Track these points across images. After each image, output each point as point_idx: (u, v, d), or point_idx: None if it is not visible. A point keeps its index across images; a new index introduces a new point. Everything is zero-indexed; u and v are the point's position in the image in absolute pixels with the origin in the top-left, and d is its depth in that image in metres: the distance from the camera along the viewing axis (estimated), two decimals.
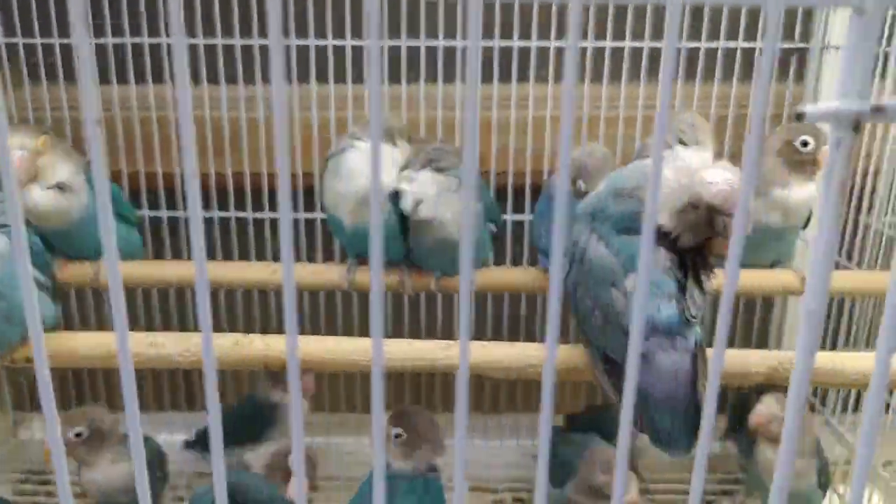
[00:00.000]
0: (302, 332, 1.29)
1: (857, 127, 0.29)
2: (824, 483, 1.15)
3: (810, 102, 1.28)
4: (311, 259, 1.29)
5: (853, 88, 0.28)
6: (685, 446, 0.73)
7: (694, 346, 0.74)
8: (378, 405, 0.35)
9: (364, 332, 1.37)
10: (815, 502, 1.14)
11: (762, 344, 1.42)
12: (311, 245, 1.30)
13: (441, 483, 1.04)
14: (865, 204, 1.21)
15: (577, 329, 0.82)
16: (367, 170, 0.98)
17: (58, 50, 1.19)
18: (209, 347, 0.35)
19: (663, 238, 0.74)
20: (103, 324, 1.34)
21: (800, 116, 0.29)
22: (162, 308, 1.35)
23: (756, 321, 1.40)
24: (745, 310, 1.39)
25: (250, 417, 1.27)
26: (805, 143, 1.02)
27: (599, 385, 0.79)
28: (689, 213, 0.70)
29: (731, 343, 1.39)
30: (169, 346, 0.83)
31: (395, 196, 0.99)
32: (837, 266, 1.26)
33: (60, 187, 0.99)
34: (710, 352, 0.80)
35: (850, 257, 1.23)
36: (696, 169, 0.71)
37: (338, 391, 1.46)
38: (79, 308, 1.34)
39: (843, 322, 1.29)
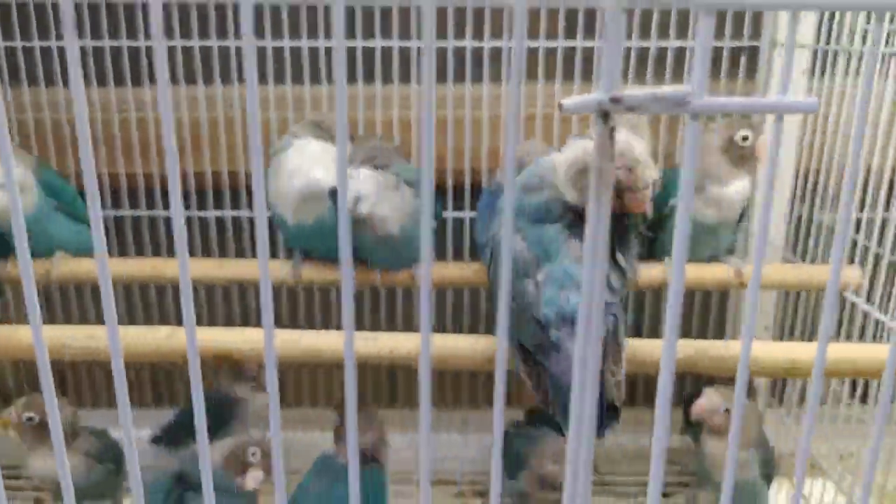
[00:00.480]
0: (247, 325, 1.33)
1: (605, 116, 0.31)
2: (768, 474, 1.16)
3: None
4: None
5: (604, 81, 0.31)
6: (598, 432, 0.75)
7: (605, 335, 0.76)
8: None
9: (307, 325, 1.41)
10: (760, 493, 1.15)
11: (720, 334, 1.45)
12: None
13: (383, 475, 1.07)
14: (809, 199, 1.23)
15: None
16: (306, 168, 1.01)
17: (1, 52, 1.23)
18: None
19: (579, 219, 0.76)
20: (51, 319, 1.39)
21: (560, 107, 0.31)
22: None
23: (713, 313, 1.42)
24: (702, 302, 1.42)
25: (212, 412, 1.30)
26: (745, 138, 1.05)
27: (517, 373, 0.82)
28: (585, 177, 0.74)
29: (686, 334, 1.42)
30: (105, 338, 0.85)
31: (335, 193, 1.01)
32: (785, 260, 1.28)
33: None
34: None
35: (794, 251, 1.25)
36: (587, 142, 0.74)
37: (301, 387, 1.49)
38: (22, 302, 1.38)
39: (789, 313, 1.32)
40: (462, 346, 0.84)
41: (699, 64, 0.32)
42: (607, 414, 0.75)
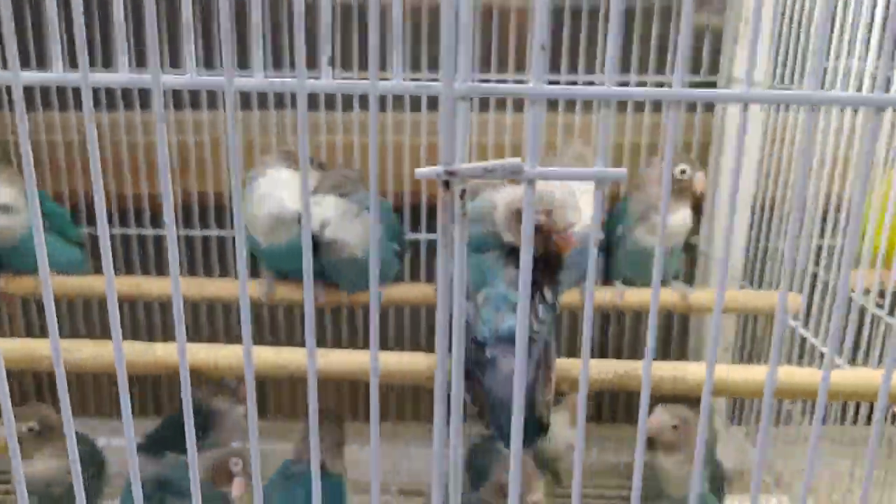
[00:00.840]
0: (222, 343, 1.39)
1: (446, 185, 0.38)
2: (717, 489, 1.22)
3: (717, 133, 1.38)
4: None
5: (443, 155, 0.37)
6: (525, 442, 0.82)
7: (537, 356, 0.83)
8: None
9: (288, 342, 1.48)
10: None
11: (682, 355, 1.50)
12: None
13: (341, 483, 1.13)
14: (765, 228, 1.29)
15: None
16: (276, 194, 1.09)
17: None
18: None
19: (515, 249, 0.83)
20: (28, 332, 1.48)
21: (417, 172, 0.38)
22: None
23: (675, 335, 1.48)
24: (664, 325, 1.47)
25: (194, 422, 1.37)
26: (683, 171, 1.12)
27: None
28: (516, 220, 0.81)
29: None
30: (85, 351, 0.93)
31: None
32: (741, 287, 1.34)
33: (4, 209, 1.10)
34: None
35: (746, 277, 1.32)
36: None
37: (281, 399, 1.56)
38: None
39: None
40: (405, 362, 0.91)
41: (532, 141, 0.39)
42: (538, 430, 0.82)
